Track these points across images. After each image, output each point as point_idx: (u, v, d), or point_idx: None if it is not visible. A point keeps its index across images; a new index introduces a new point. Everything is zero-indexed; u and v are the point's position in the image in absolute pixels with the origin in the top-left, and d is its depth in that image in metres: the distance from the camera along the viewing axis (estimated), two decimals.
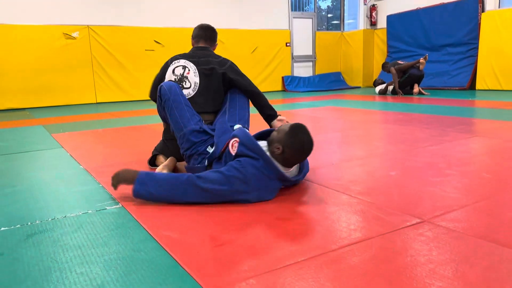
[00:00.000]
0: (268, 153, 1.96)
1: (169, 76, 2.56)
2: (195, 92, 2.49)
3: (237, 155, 1.98)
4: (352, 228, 1.60)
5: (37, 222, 1.79)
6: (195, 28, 2.78)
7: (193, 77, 2.52)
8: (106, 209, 1.92)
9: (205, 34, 2.74)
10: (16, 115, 6.70)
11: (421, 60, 7.85)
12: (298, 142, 1.91)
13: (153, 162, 2.70)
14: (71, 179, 2.49)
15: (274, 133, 1.99)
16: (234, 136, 2.08)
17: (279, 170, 1.92)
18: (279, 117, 2.65)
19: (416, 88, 7.81)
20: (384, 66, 8.38)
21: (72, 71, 8.12)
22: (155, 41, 8.86)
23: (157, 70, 2.75)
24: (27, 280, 1.29)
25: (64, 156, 3.21)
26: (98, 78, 8.39)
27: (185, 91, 2.47)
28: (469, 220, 1.63)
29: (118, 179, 1.97)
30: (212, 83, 2.51)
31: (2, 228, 1.73)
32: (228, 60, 2.64)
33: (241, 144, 1.99)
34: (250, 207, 1.87)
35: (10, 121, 5.78)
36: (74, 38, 8.05)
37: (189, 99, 2.43)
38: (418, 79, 7.88)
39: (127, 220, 1.77)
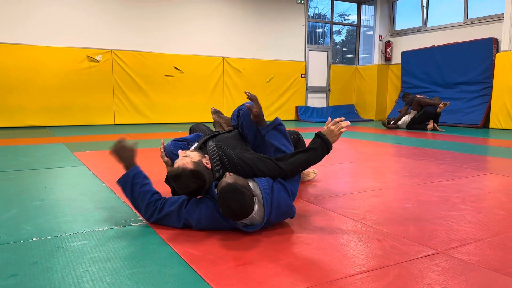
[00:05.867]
0: None
1: None
2: None
3: (207, 193, 1.96)
4: (370, 255, 1.65)
5: (66, 234, 1.88)
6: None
7: None
8: (131, 225, 2.00)
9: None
10: (37, 132, 6.91)
11: (441, 104, 7.91)
12: (228, 210, 1.77)
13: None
14: (95, 196, 2.59)
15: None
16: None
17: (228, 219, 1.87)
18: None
19: (430, 124, 7.88)
20: (405, 96, 8.55)
21: (93, 92, 8.38)
22: (175, 67, 9.13)
23: (175, 96, 2.57)
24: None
25: (87, 173, 3.32)
26: (118, 101, 8.63)
27: None
28: (483, 254, 1.68)
29: (117, 156, 2.05)
30: None
31: (34, 239, 1.82)
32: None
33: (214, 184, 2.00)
34: (271, 231, 1.94)
35: (32, 138, 5.97)
36: (97, 61, 8.35)
37: None
38: (434, 117, 7.96)
39: (152, 237, 1.85)
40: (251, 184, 1.92)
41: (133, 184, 1.99)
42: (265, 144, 2.21)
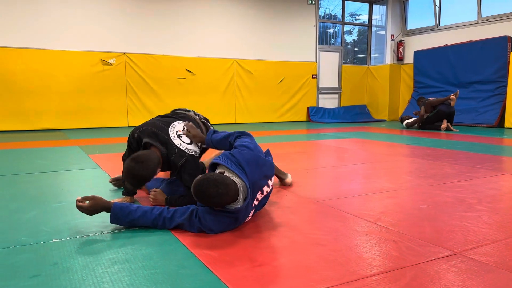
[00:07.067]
0: None
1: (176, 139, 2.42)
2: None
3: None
4: (386, 256, 1.65)
5: (85, 236, 1.92)
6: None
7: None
8: (148, 226, 2.03)
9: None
10: (51, 135, 7.01)
11: (452, 96, 7.85)
12: (216, 198, 1.81)
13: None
14: (112, 197, 2.61)
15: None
16: None
17: (224, 207, 1.91)
18: None
19: (444, 124, 7.79)
20: (420, 100, 8.47)
21: (107, 95, 8.49)
22: (186, 69, 9.20)
23: (187, 98, 2.79)
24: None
25: (103, 175, 3.37)
26: (131, 103, 8.72)
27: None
28: (501, 255, 1.66)
29: (90, 212, 1.99)
30: None
31: (54, 240, 1.86)
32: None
33: None
34: (285, 232, 1.95)
35: (48, 141, 6.06)
36: (110, 64, 8.46)
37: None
38: (447, 116, 7.85)
39: (169, 238, 1.88)
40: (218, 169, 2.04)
41: (125, 215, 1.98)
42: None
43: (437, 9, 10.41)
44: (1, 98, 7.59)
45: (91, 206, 1.98)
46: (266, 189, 2.09)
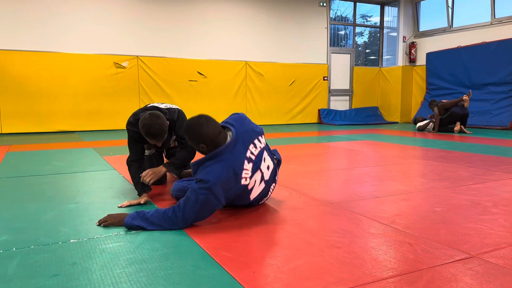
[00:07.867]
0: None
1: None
2: None
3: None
4: (401, 259, 1.65)
5: (102, 236, 1.95)
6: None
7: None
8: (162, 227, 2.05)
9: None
10: (66, 137, 7.12)
11: (464, 97, 7.76)
12: (185, 129, 2.17)
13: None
14: (127, 198, 2.65)
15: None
16: None
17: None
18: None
19: (457, 126, 7.71)
20: (432, 104, 8.38)
21: (120, 98, 8.58)
22: (198, 72, 9.26)
23: (199, 100, 3.06)
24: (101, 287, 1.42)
25: (118, 177, 3.41)
26: (144, 106, 8.80)
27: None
28: None
29: (107, 223, 2.10)
30: None
31: (72, 240, 1.90)
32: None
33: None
34: (300, 234, 1.96)
35: (63, 143, 6.15)
36: (124, 67, 8.56)
37: None
38: (461, 118, 7.77)
39: (184, 239, 1.90)
40: None
41: (140, 217, 2.04)
42: None
43: (450, 10, 10.32)
44: (16, 101, 7.73)
45: (109, 216, 2.14)
46: (257, 143, 2.21)
